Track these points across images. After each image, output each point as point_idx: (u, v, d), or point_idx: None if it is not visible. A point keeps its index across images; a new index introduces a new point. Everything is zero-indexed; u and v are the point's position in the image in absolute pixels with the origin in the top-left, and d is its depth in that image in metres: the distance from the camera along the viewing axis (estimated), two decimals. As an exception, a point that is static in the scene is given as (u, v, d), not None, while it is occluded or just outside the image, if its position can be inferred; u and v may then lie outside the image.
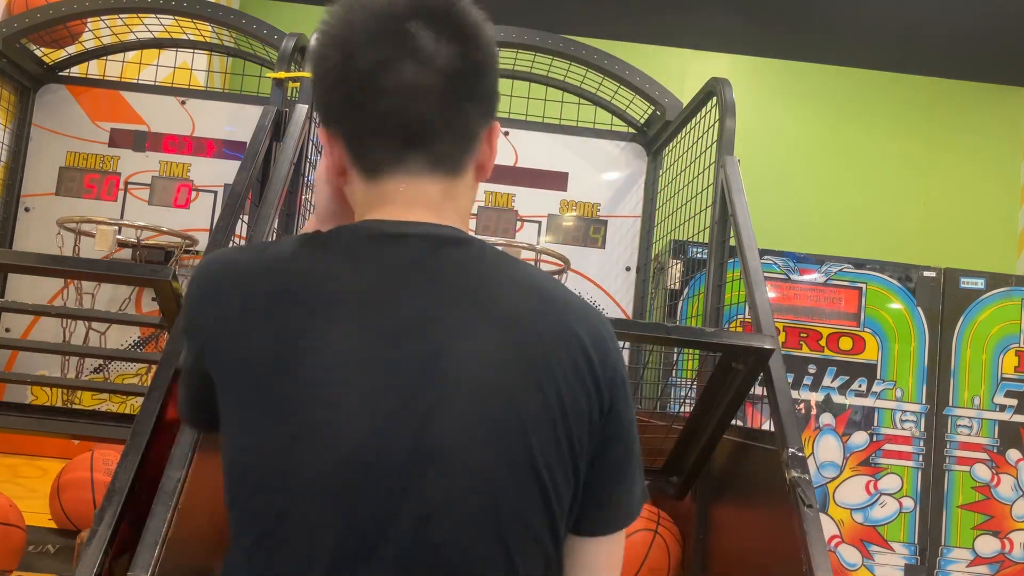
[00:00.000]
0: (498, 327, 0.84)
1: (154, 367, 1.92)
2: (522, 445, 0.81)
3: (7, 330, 3.65)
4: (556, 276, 3.51)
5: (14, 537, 2.20)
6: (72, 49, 3.78)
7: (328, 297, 0.83)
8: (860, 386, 3.66)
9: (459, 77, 0.87)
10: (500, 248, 0.94)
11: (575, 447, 0.85)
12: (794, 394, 3.60)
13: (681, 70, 5.54)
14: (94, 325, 3.50)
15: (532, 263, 3.54)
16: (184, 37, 3.80)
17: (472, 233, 0.92)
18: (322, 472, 0.79)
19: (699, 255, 3.55)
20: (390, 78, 0.85)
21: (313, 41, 0.92)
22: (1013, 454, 3.64)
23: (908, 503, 3.62)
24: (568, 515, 0.87)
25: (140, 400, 1.85)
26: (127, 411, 3.39)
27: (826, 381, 3.66)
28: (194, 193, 3.75)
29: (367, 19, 0.87)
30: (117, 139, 3.77)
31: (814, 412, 3.64)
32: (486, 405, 0.81)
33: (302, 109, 2.56)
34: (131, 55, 3.90)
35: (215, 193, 3.75)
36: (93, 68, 3.96)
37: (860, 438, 3.64)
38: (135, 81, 3.90)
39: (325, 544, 0.79)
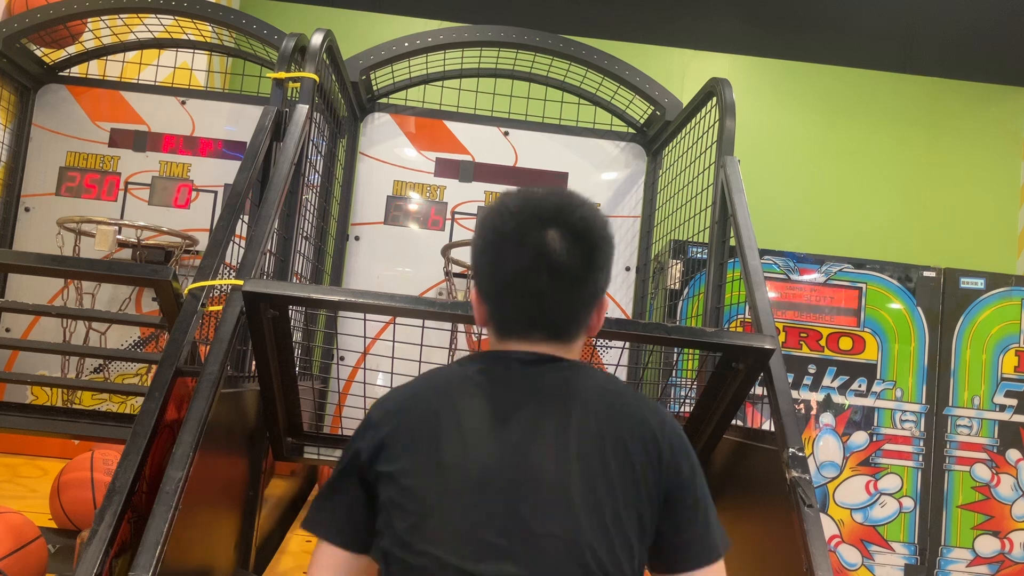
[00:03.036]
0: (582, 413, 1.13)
1: (154, 367, 1.92)
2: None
3: (7, 330, 3.65)
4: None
5: (36, 552, 2.18)
6: (72, 49, 3.78)
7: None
8: (860, 386, 3.66)
9: (582, 280, 1.16)
10: None
11: (642, 496, 1.11)
12: (794, 394, 3.60)
13: (681, 70, 5.54)
14: (94, 325, 3.50)
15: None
16: (184, 37, 3.80)
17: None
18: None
19: (699, 255, 3.55)
20: (528, 283, 1.14)
21: (473, 238, 1.22)
22: (1013, 454, 3.64)
23: (908, 503, 3.62)
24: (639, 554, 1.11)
25: (140, 400, 1.85)
26: (127, 411, 3.39)
27: (826, 381, 3.66)
28: (194, 193, 3.75)
29: (515, 226, 1.14)
30: (117, 139, 3.77)
31: (814, 412, 3.64)
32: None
33: (302, 109, 2.56)
34: (131, 55, 3.90)
35: (215, 193, 3.75)
36: (93, 68, 3.96)
37: (860, 438, 3.64)
38: (135, 81, 3.90)
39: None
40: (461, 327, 3.08)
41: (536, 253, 1.12)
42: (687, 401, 2.82)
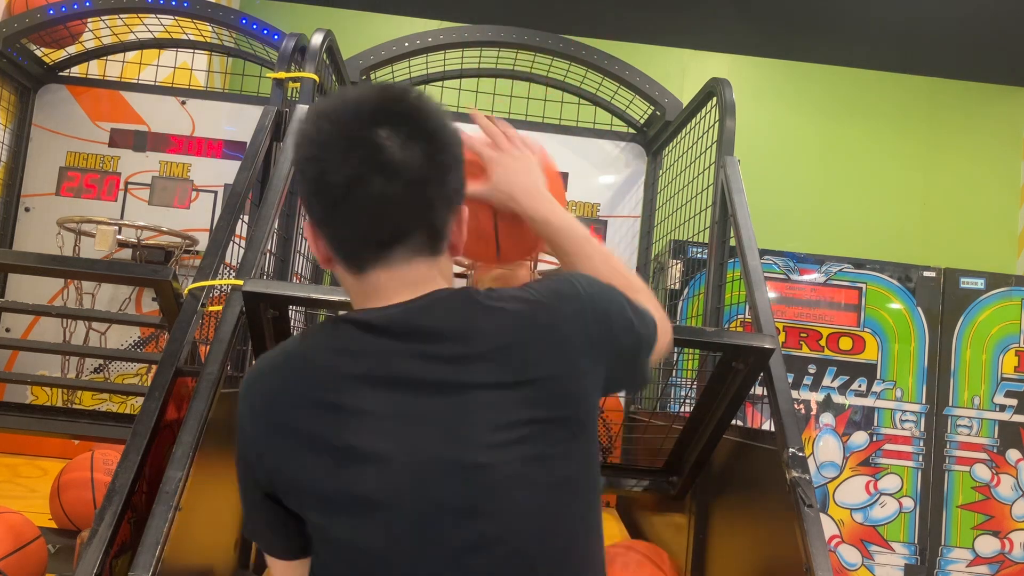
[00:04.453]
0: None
1: (154, 367, 1.92)
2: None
3: (7, 330, 3.65)
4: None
5: (36, 552, 2.18)
6: (72, 49, 3.79)
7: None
8: (860, 386, 3.66)
9: (426, 182, 0.97)
10: None
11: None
12: (794, 394, 3.60)
13: (681, 70, 5.54)
14: (94, 325, 3.50)
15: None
16: (184, 37, 3.80)
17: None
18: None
19: (699, 255, 3.55)
20: (362, 193, 0.94)
21: (291, 151, 1.01)
22: (1013, 454, 3.64)
23: (908, 503, 3.62)
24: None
25: (140, 400, 1.85)
26: (127, 411, 3.39)
27: (826, 381, 3.66)
28: (194, 193, 3.75)
29: (334, 132, 0.96)
30: (117, 139, 3.77)
31: (814, 412, 3.64)
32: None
33: (302, 109, 2.55)
34: (131, 55, 3.90)
35: (215, 193, 3.75)
36: (93, 68, 3.96)
37: (860, 438, 3.64)
38: (135, 81, 3.90)
39: None
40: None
41: (365, 154, 0.94)
42: (687, 401, 2.83)
